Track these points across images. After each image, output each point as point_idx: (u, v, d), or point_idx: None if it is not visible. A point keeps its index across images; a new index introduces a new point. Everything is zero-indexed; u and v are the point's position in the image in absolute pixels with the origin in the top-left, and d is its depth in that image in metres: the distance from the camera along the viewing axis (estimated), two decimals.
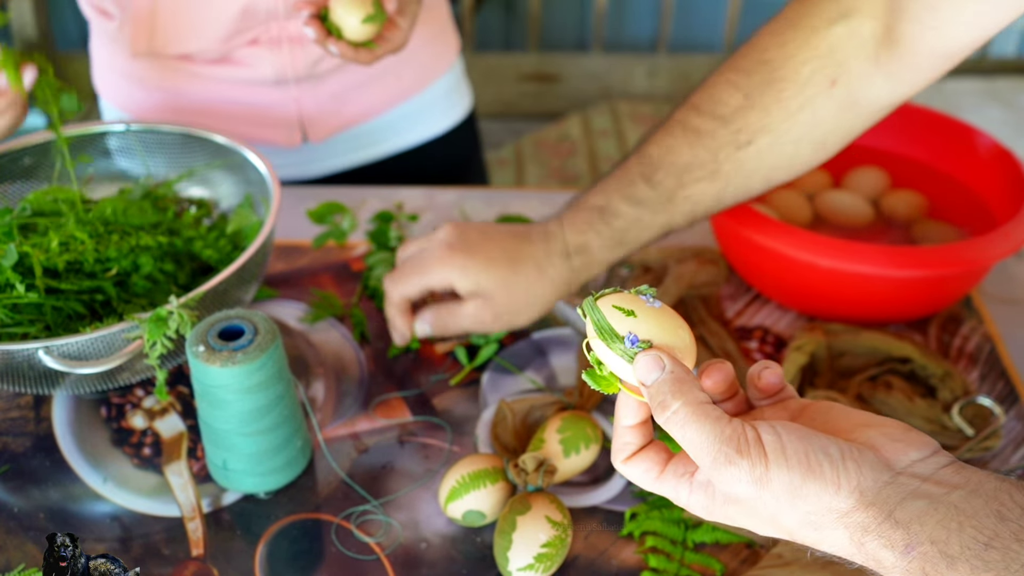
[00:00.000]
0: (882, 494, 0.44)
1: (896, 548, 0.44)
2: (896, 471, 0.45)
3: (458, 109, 1.27)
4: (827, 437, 0.46)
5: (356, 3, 0.91)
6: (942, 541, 0.43)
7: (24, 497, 0.79)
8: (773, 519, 0.47)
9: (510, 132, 2.91)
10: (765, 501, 0.46)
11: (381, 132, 1.20)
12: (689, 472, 0.51)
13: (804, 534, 0.47)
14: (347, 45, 0.92)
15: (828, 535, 0.46)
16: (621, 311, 0.49)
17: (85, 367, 0.75)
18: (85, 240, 0.83)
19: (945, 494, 0.44)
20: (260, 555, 0.74)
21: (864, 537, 0.44)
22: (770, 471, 0.45)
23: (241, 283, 0.85)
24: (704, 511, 0.50)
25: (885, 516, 0.44)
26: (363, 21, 0.90)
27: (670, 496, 0.52)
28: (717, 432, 0.46)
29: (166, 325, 0.75)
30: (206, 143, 0.99)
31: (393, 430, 0.85)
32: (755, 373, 0.53)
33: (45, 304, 0.81)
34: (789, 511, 0.46)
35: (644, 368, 0.48)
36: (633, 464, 0.52)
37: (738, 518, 0.49)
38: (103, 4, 1.06)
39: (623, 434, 0.52)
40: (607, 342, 0.50)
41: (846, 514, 0.45)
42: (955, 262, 0.85)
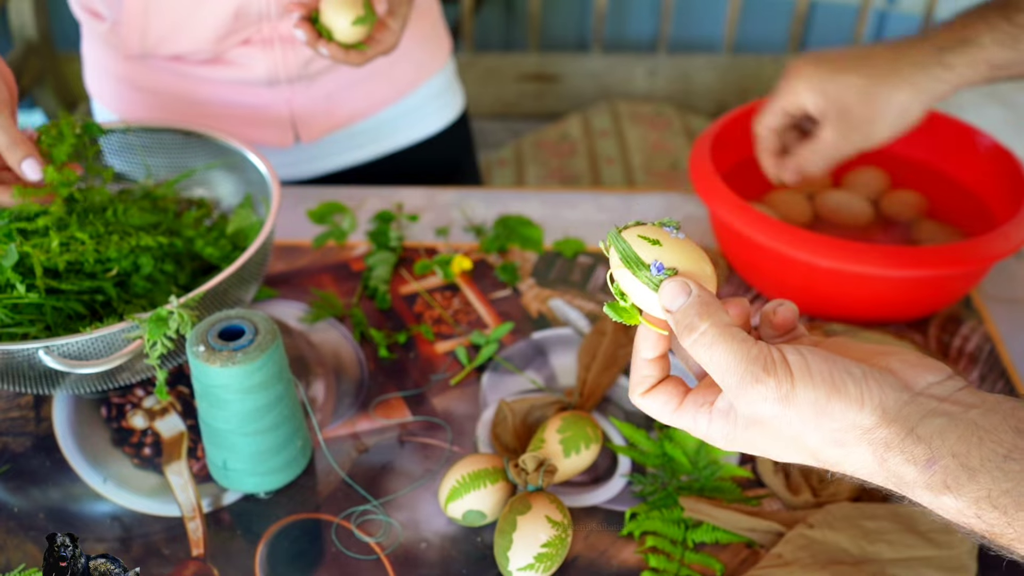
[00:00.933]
0: (903, 412, 0.46)
1: (918, 463, 0.45)
2: (915, 392, 0.46)
3: (451, 109, 1.27)
4: (849, 360, 0.47)
5: (346, 5, 0.90)
6: (963, 455, 0.44)
7: (24, 497, 0.79)
8: (796, 439, 0.48)
9: (510, 132, 2.91)
10: (790, 420, 0.47)
11: (373, 132, 1.20)
12: (708, 402, 0.51)
13: (828, 453, 0.48)
14: (337, 47, 0.92)
15: (852, 452, 0.47)
16: (647, 240, 0.50)
17: (85, 367, 0.75)
18: (85, 240, 0.83)
19: (963, 412, 0.45)
20: (260, 555, 0.74)
21: (887, 453, 0.46)
22: (796, 389, 0.46)
23: (241, 283, 0.85)
24: (724, 440, 0.51)
25: (907, 432, 0.45)
26: (353, 23, 0.90)
27: (689, 428, 0.52)
28: (744, 352, 0.47)
29: (166, 325, 0.75)
30: (206, 143, 0.99)
31: (393, 430, 0.85)
32: (770, 310, 0.53)
33: (45, 304, 0.81)
34: (813, 429, 0.47)
35: (671, 294, 0.49)
36: (651, 397, 0.52)
37: (760, 443, 0.50)
38: (94, 5, 1.06)
39: (642, 367, 0.52)
40: (633, 270, 0.50)
41: (869, 430, 0.46)
42: (955, 262, 0.85)
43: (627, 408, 0.87)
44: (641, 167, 2.40)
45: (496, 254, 1.05)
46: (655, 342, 0.52)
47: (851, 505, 0.75)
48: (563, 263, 1.03)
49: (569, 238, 1.06)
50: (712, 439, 0.51)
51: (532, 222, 1.07)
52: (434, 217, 1.10)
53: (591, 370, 0.88)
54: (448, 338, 0.94)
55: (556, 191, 1.16)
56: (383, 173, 1.22)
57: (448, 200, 1.12)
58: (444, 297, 0.99)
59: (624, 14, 2.97)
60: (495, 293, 0.99)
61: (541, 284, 1.01)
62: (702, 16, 2.96)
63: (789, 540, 0.73)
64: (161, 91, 1.11)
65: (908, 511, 0.75)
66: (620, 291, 0.52)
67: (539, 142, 2.51)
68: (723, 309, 0.49)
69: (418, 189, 1.14)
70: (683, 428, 0.52)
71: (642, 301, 0.51)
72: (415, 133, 1.23)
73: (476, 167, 1.38)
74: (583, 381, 0.88)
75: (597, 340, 0.92)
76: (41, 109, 2.74)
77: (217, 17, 1.00)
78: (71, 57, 2.76)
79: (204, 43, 1.03)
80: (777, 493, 0.79)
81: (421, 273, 1.02)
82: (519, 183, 2.38)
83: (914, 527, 0.74)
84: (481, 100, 2.95)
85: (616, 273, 0.52)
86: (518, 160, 2.46)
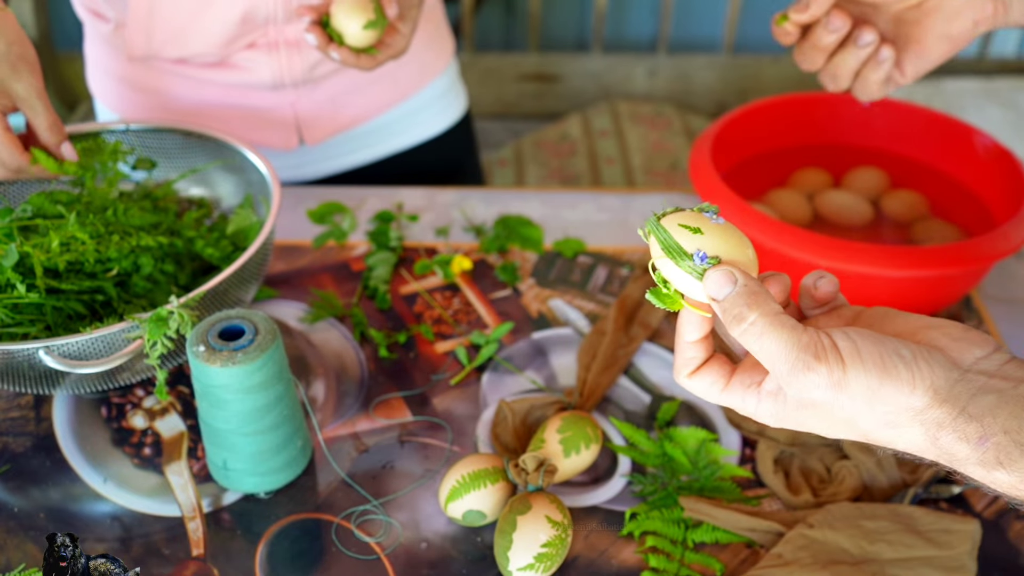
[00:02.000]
0: (954, 391, 0.46)
1: (970, 440, 0.46)
2: (964, 369, 0.47)
3: (454, 110, 1.27)
4: (898, 340, 0.48)
5: (357, 9, 0.90)
6: (1015, 430, 0.45)
7: (24, 497, 0.79)
8: (849, 421, 0.49)
9: (510, 132, 2.91)
10: (842, 404, 0.48)
11: (377, 134, 1.20)
12: (756, 382, 0.52)
13: (880, 433, 0.48)
14: (349, 51, 0.92)
15: (904, 432, 0.47)
16: (687, 229, 0.50)
17: (85, 367, 0.75)
18: (86, 240, 0.83)
19: (1012, 387, 0.46)
20: (260, 555, 0.74)
21: (939, 432, 0.46)
22: (848, 375, 0.47)
23: (241, 283, 0.85)
24: (774, 419, 0.51)
25: (959, 411, 0.46)
26: (364, 27, 0.90)
27: (737, 407, 0.53)
28: (794, 340, 0.47)
29: (166, 325, 0.75)
30: (206, 143, 0.99)
31: (393, 430, 0.85)
32: (810, 283, 0.54)
33: (46, 304, 0.81)
34: (866, 413, 0.47)
35: (716, 283, 0.49)
36: (698, 378, 0.53)
37: (810, 422, 0.50)
38: (97, 6, 1.06)
39: (686, 350, 0.53)
40: (675, 260, 0.50)
41: (921, 411, 0.46)
42: (955, 262, 0.85)
43: (627, 408, 0.87)
44: (641, 167, 2.40)
45: (496, 254, 1.05)
46: (699, 324, 0.52)
47: (851, 505, 0.75)
48: (563, 263, 1.03)
49: (569, 238, 1.06)
50: (761, 417, 0.52)
51: (532, 222, 1.07)
52: (434, 217, 1.10)
53: (591, 370, 0.88)
54: (448, 338, 0.94)
55: (556, 191, 1.16)
56: (386, 174, 1.22)
57: (448, 200, 1.12)
58: (444, 297, 0.99)
59: (624, 14, 2.97)
60: (495, 293, 0.99)
61: (541, 284, 1.01)
62: (702, 16, 2.96)
63: (789, 540, 0.73)
64: (164, 92, 1.11)
65: (908, 511, 0.75)
66: (662, 279, 0.52)
67: (539, 142, 2.51)
68: (770, 296, 0.49)
69: (418, 189, 1.14)
70: (731, 406, 0.53)
71: (685, 288, 0.51)
72: (418, 134, 1.23)
73: (479, 168, 1.38)
74: (583, 381, 0.88)
75: (597, 340, 0.92)
76: None
77: (223, 22, 1.00)
78: (71, 57, 2.76)
79: (209, 47, 1.03)
80: (777, 493, 0.79)
81: (421, 273, 1.02)
82: (519, 183, 2.38)
83: (914, 527, 0.74)
84: (481, 100, 2.95)
85: (658, 262, 0.52)
86: (518, 160, 2.46)
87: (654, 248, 0.51)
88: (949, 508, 0.78)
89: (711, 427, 0.85)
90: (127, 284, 0.86)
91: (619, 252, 1.05)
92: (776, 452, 0.82)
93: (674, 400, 0.87)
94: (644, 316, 0.94)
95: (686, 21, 2.95)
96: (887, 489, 0.78)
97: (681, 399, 0.88)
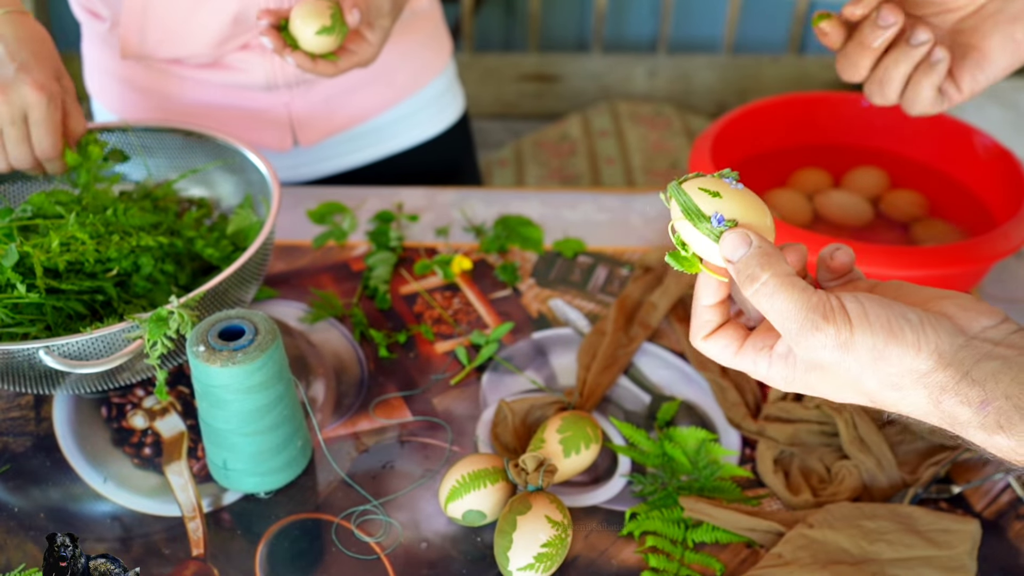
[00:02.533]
0: (959, 356, 0.47)
1: (972, 404, 0.46)
2: (970, 336, 0.48)
3: (450, 112, 1.27)
4: (905, 305, 0.49)
5: (312, 14, 0.90)
6: (1016, 396, 0.45)
7: (24, 497, 0.79)
8: (855, 383, 0.50)
9: (510, 132, 2.91)
10: (848, 365, 0.48)
11: (373, 135, 1.20)
12: (768, 345, 0.53)
13: (884, 395, 0.49)
14: (304, 56, 0.92)
15: (908, 395, 0.48)
16: (707, 192, 0.51)
17: (85, 367, 0.75)
18: (86, 240, 0.83)
19: (1017, 355, 0.47)
20: (260, 555, 0.74)
21: (942, 396, 0.47)
22: (855, 336, 0.48)
23: (241, 283, 0.85)
24: (784, 382, 0.52)
25: (962, 375, 0.47)
26: (317, 32, 0.90)
27: (749, 370, 0.54)
28: (804, 300, 0.48)
29: (166, 325, 0.75)
30: (206, 143, 0.99)
31: (393, 430, 0.85)
32: (827, 254, 0.55)
33: (46, 304, 0.81)
34: (871, 374, 0.48)
35: (731, 245, 0.50)
36: (713, 341, 0.54)
37: (819, 385, 0.51)
38: (93, 5, 1.06)
39: (702, 313, 0.54)
40: (694, 222, 0.51)
41: (925, 374, 0.47)
42: (955, 262, 0.85)
43: (627, 408, 0.87)
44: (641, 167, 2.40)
45: (496, 254, 1.05)
46: (716, 289, 0.53)
47: (851, 505, 0.75)
48: (563, 263, 1.03)
49: (569, 238, 1.06)
50: (772, 381, 0.53)
51: (532, 222, 1.07)
52: (434, 217, 1.10)
53: (591, 370, 0.88)
54: (448, 338, 0.94)
55: (556, 191, 1.16)
56: (383, 175, 1.22)
57: (448, 200, 1.12)
58: (444, 297, 0.99)
59: (624, 14, 2.97)
60: (495, 293, 0.99)
61: (541, 284, 1.01)
62: (702, 16, 2.96)
63: (789, 540, 0.73)
64: (160, 92, 1.11)
65: (908, 511, 0.75)
66: (681, 241, 0.53)
67: (539, 142, 2.51)
68: (783, 258, 0.50)
69: (418, 189, 1.14)
70: (743, 370, 0.54)
71: (703, 251, 0.52)
72: (415, 136, 1.23)
73: (476, 168, 1.38)
74: (583, 381, 0.88)
75: (597, 340, 0.92)
76: None
77: (216, 22, 1.00)
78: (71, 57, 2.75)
79: (202, 47, 1.03)
80: (777, 493, 0.79)
81: (421, 273, 1.02)
82: (519, 183, 2.38)
83: (914, 527, 0.74)
84: (481, 100, 2.95)
85: (677, 224, 0.53)
86: (518, 160, 2.46)
87: (675, 211, 0.52)
88: (949, 508, 0.78)
89: (711, 427, 0.85)
90: (127, 284, 0.86)
91: (619, 252, 1.05)
92: (776, 452, 0.82)
93: (674, 400, 0.87)
94: (644, 316, 0.94)
95: (686, 21, 2.95)
96: (887, 489, 0.78)
97: (681, 399, 0.88)
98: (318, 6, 0.90)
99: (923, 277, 0.88)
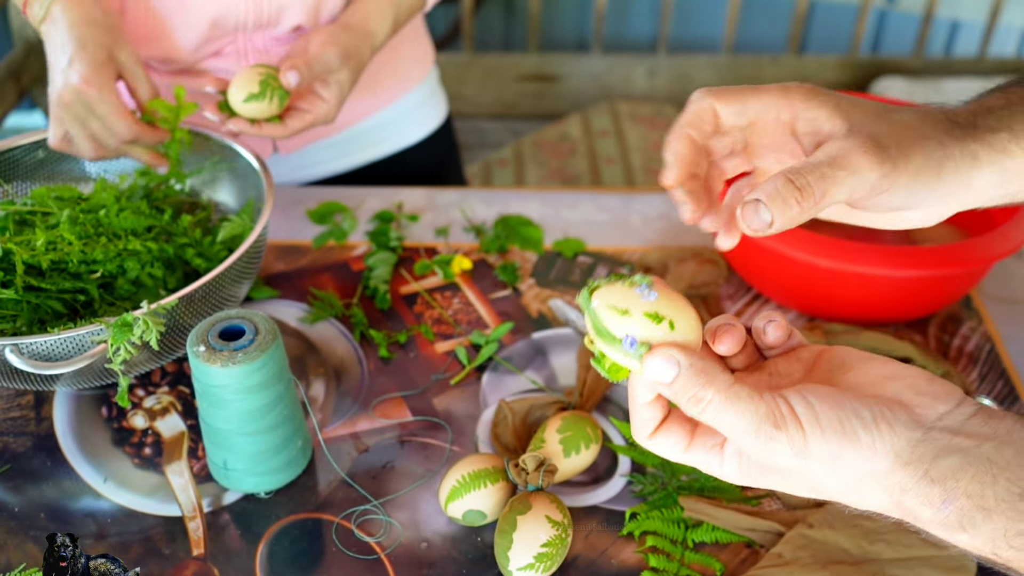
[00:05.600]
0: (916, 452, 0.45)
1: (933, 504, 0.45)
2: (927, 427, 0.46)
3: (433, 118, 1.27)
4: (857, 399, 0.47)
5: (242, 82, 0.92)
6: (977, 495, 0.44)
7: (24, 497, 0.79)
8: (814, 486, 0.48)
9: (510, 132, 2.91)
10: (807, 469, 0.47)
11: (354, 143, 1.20)
12: (718, 443, 0.51)
13: (846, 496, 0.48)
14: (245, 122, 0.93)
15: (868, 496, 0.47)
16: (616, 311, 0.48)
17: (51, 368, 0.74)
18: (72, 241, 0.83)
19: (976, 447, 0.45)
20: (260, 555, 0.74)
21: (902, 496, 0.46)
22: (808, 443, 0.46)
23: (229, 284, 0.85)
24: (738, 479, 0.51)
25: (921, 475, 0.45)
26: (245, 100, 0.92)
27: (701, 467, 0.52)
28: (751, 411, 0.46)
29: (131, 331, 0.74)
30: (209, 143, 0.99)
31: (393, 430, 0.85)
32: (760, 329, 0.52)
33: (22, 302, 0.81)
34: (831, 477, 0.47)
35: (659, 371, 0.47)
36: (659, 439, 0.51)
37: (776, 483, 0.50)
38: None
39: (641, 411, 0.51)
40: (607, 343, 0.48)
41: (884, 475, 0.46)
42: (955, 262, 0.86)
43: (627, 408, 0.87)
44: (641, 167, 2.40)
45: (496, 254, 1.05)
46: (649, 387, 0.50)
47: None
48: (563, 263, 1.03)
49: (569, 238, 1.06)
50: (727, 478, 0.51)
51: (532, 222, 1.07)
52: (434, 217, 1.10)
53: (591, 370, 0.88)
54: (448, 338, 0.94)
55: (556, 191, 1.16)
56: (364, 181, 1.22)
57: (448, 200, 1.12)
58: (444, 297, 0.99)
59: (624, 14, 2.98)
60: (495, 293, 0.99)
61: (541, 284, 1.01)
62: (702, 16, 2.96)
63: (789, 540, 0.73)
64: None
65: None
66: (602, 354, 0.49)
67: (539, 142, 2.51)
68: (718, 368, 0.47)
69: (418, 189, 1.14)
70: (695, 467, 0.52)
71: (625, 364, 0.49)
72: (397, 143, 1.23)
73: (461, 172, 1.38)
74: (583, 381, 0.88)
75: None
76: (42, 110, 2.74)
77: (193, 26, 1.00)
78: None
79: (178, 52, 1.02)
80: (777, 493, 0.79)
81: (421, 273, 1.02)
82: (519, 183, 2.38)
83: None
84: (481, 100, 2.95)
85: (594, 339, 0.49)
86: (518, 160, 2.46)
87: (588, 325, 0.49)
88: None
89: None
90: (113, 286, 0.85)
91: (619, 252, 1.05)
92: None
93: None
94: None
95: (686, 21, 2.96)
96: None
97: None
98: (249, 74, 0.92)
99: (923, 277, 0.88)
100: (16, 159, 0.98)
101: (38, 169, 0.99)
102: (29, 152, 0.98)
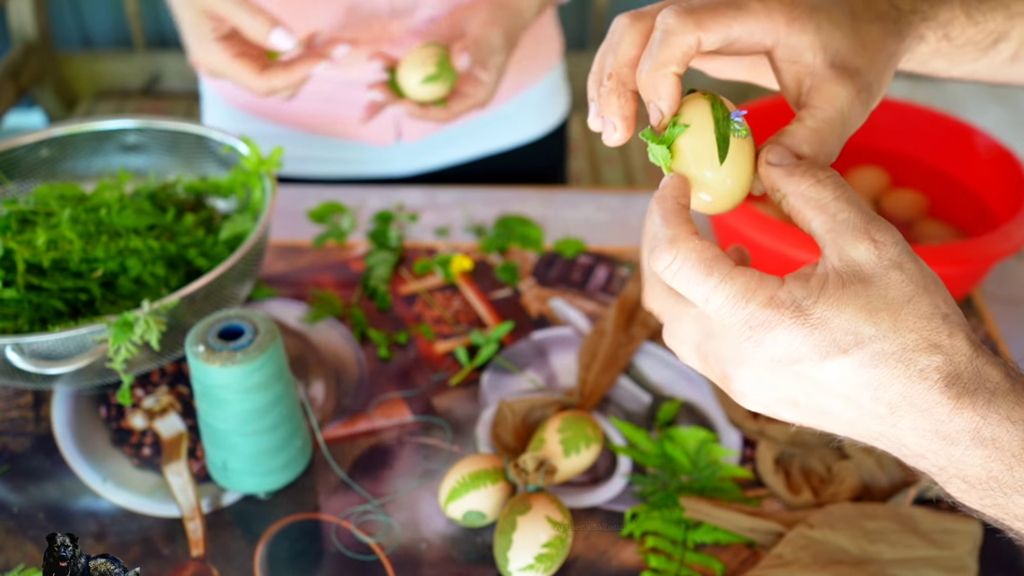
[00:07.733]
0: None
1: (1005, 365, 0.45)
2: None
3: (554, 114, 1.26)
4: None
5: (417, 63, 0.90)
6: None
7: (24, 497, 0.79)
8: (907, 300, 0.45)
9: None
10: (909, 275, 0.45)
11: (476, 134, 1.19)
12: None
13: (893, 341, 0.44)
14: (414, 105, 0.92)
15: (955, 342, 0.44)
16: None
17: (52, 367, 0.74)
18: (74, 239, 0.83)
19: None
20: (260, 555, 0.74)
21: (979, 351, 0.45)
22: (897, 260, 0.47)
23: (231, 284, 0.85)
24: (796, 310, 0.48)
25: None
26: (422, 81, 0.90)
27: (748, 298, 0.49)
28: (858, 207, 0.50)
29: (131, 330, 0.74)
30: (214, 143, 0.99)
31: (393, 430, 0.85)
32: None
33: (23, 300, 0.81)
34: (925, 297, 0.45)
35: (777, 154, 0.52)
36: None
37: (850, 303, 0.46)
38: None
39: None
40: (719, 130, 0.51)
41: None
42: (955, 262, 0.85)
43: (627, 408, 0.87)
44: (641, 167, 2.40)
45: (496, 254, 1.05)
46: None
47: (851, 505, 0.75)
48: (563, 263, 1.03)
49: (569, 238, 1.06)
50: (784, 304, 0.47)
51: (532, 222, 1.07)
52: (434, 217, 1.09)
53: (591, 370, 0.88)
54: (448, 338, 0.94)
55: (556, 191, 1.16)
56: (481, 174, 1.21)
57: (448, 200, 1.12)
58: (444, 297, 0.99)
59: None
60: (495, 293, 0.99)
61: (541, 284, 1.01)
62: None
63: (789, 540, 0.73)
64: None
65: (909, 511, 0.75)
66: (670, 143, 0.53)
67: None
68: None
69: (418, 189, 1.14)
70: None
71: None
72: (516, 136, 1.22)
73: (566, 173, 1.37)
74: (583, 381, 0.88)
75: (597, 340, 0.92)
76: (41, 109, 2.74)
77: (329, 13, 1.00)
78: (70, 57, 2.75)
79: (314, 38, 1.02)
80: (777, 493, 0.79)
81: (421, 273, 1.02)
82: None
83: (914, 527, 0.74)
84: None
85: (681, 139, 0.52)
86: None
87: (690, 124, 0.51)
88: (950, 508, 0.78)
89: (711, 427, 0.85)
90: (115, 285, 0.85)
91: (619, 252, 1.05)
92: (776, 452, 0.82)
93: (674, 400, 0.87)
94: (645, 316, 0.94)
95: None
96: (887, 489, 0.78)
97: (681, 399, 0.88)
98: (423, 54, 0.90)
99: None
100: (18, 158, 0.98)
101: (40, 168, 0.99)
102: (31, 151, 0.98)
